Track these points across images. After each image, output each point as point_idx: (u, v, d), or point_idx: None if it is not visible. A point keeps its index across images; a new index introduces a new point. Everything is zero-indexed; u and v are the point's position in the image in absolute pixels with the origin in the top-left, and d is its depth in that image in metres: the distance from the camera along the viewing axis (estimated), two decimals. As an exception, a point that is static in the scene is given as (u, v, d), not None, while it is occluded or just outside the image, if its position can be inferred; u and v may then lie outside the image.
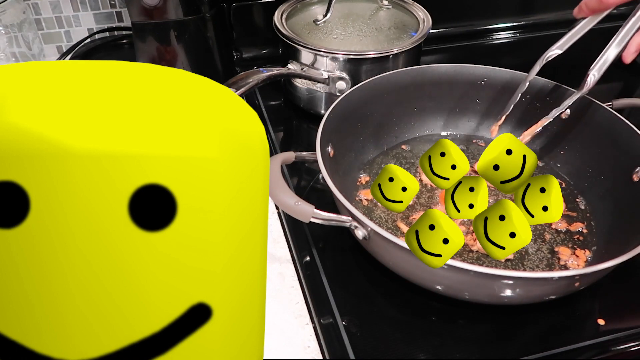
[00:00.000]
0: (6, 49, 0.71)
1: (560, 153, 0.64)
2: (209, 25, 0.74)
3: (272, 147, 0.68)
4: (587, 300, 0.50)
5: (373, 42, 0.70)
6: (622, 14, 0.97)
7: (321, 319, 0.48)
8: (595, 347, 0.46)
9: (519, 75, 0.65)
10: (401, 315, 0.49)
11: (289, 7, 0.75)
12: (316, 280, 0.51)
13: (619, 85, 0.88)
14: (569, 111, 0.63)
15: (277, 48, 0.78)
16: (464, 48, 0.91)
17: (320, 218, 0.47)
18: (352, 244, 0.53)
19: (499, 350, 0.46)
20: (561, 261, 0.52)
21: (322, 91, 0.70)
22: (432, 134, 0.69)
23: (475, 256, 0.52)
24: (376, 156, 0.65)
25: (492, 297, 0.46)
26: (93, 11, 0.84)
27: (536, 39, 0.94)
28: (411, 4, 0.77)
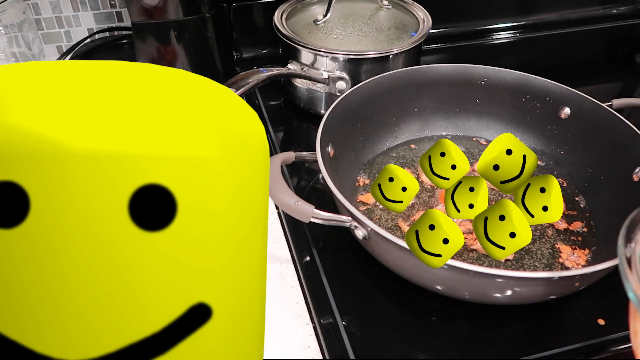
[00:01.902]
0: (6, 49, 0.71)
1: (560, 153, 0.64)
2: (209, 25, 0.74)
3: (272, 147, 0.68)
4: (587, 300, 0.50)
5: (373, 42, 0.70)
6: (622, 14, 0.97)
7: (321, 319, 0.48)
8: (595, 347, 0.46)
9: (519, 75, 0.65)
10: (401, 315, 0.49)
11: (289, 7, 0.75)
12: (316, 280, 0.51)
13: (619, 85, 0.88)
14: (569, 111, 0.63)
15: (277, 48, 0.78)
16: (464, 48, 0.91)
17: (320, 218, 0.47)
18: (352, 244, 0.53)
19: (499, 350, 0.46)
20: (561, 260, 0.52)
21: (322, 91, 0.70)
22: (432, 134, 0.69)
23: (475, 256, 0.52)
24: (376, 156, 0.65)
25: (492, 297, 0.46)
26: (93, 11, 0.84)
27: (536, 39, 0.94)
28: (411, 4, 0.77)
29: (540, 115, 0.65)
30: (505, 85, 0.66)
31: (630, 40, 0.97)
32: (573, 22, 0.96)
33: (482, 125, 0.69)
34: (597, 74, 0.89)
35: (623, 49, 0.96)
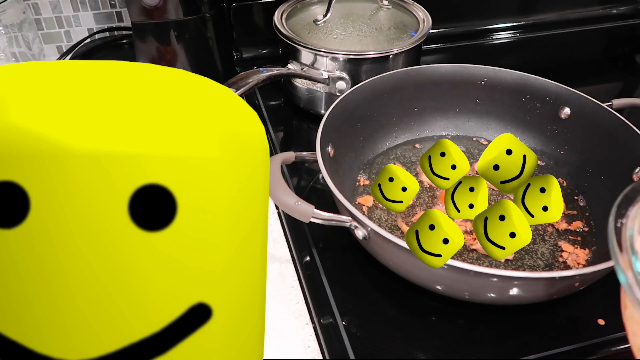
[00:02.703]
0: (6, 49, 0.71)
1: (560, 153, 0.64)
2: (209, 25, 0.74)
3: (272, 147, 0.68)
4: (587, 300, 0.50)
5: (373, 42, 0.70)
6: (622, 14, 0.97)
7: (321, 319, 0.48)
8: (595, 347, 0.46)
9: (519, 75, 0.65)
10: (401, 315, 0.49)
11: (289, 7, 0.75)
12: (316, 280, 0.51)
13: (619, 85, 0.88)
14: (569, 111, 0.63)
15: (277, 48, 0.78)
16: (464, 48, 0.91)
17: (320, 218, 0.47)
18: (352, 244, 0.53)
19: (499, 350, 0.46)
20: (561, 260, 0.52)
21: (322, 91, 0.70)
22: (432, 134, 0.69)
23: (475, 256, 0.52)
24: (376, 156, 0.65)
25: (492, 297, 0.46)
26: (93, 11, 0.84)
27: (536, 39, 0.94)
28: (411, 4, 0.77)
29: (540, 115, 0.65)
30: (505, 85, 0.66)
31: (630, 40, 0.97)
32: (573, 22, 0.96)
33: (482, 125, 0.69)
34: (597, 74, 0.89)
35: (623, 49, 0.96)
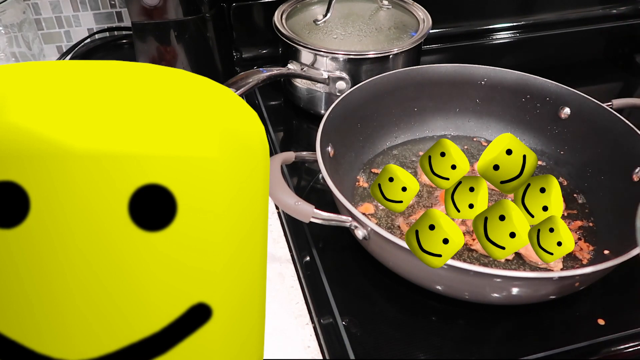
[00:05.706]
0: (6, 49, 0.71)
1: (560, 153, 0.64)
2: (209, 25, 0.74)
3: (272, 147, 0.68)
4: (587, 300, 0.50)
5: (373, 42, 0.70)
6: (622, 14, 0.97)
7: (321, 319, 0.48)
8: (595, 347, 0.46)
9: (519, 75, 0.65)
10: (401, 315, 0.49)
11: (289, 7, 0.75)
12: (316, 280, 0.51)
13: (619, 85, 0.88)
14: (569, 111, 0.63)
15: (277, 48, 0.78)
16: (464, 48, 0.91)
17: (320, 218, 0.47)
18: (352, 244, 0.53)
19: (498, 350, 0.46)
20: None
21: (322, 91, 0.70)
22: (432, 134, 0.69)
23: (475, 256, 0.52)
24: (376, 156, 0.65)
25: (492, 297, 0.46)
26: (93, 11, 0.84)
27: (536, 39, 0.94)
28: (411, 4, 0.77)
29: (540, 115, 0.65)
30: (505, 85, 0.66)
31: (630, 40, 0.97)
32: (573, 22, 0.96)
33: (482, 125, 0.69)
34: (597, 74, 0.89)
35: (623, 49, 0.96)
